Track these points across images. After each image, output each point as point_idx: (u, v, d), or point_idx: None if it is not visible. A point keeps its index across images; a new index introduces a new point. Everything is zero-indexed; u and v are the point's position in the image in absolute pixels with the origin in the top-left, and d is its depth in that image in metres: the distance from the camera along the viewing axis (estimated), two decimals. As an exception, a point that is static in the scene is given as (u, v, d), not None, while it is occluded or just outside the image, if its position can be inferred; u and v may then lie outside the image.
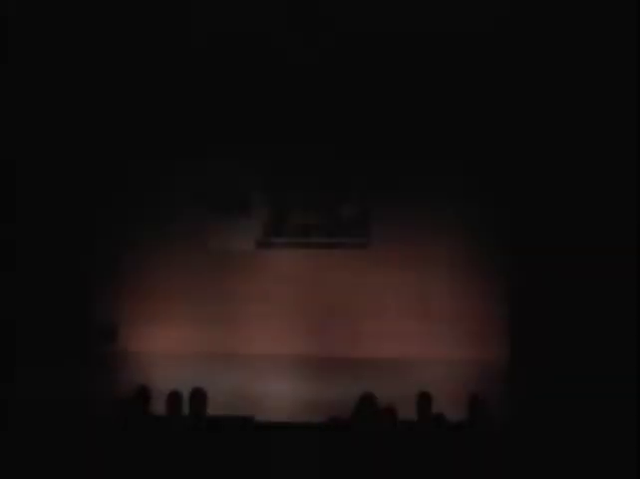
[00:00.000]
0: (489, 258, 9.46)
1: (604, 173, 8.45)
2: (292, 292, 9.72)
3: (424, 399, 5.25)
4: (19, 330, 8.13)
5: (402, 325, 9.53)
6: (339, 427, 5.61)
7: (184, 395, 5.11)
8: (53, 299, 8.89)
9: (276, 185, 9.89)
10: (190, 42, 8.35)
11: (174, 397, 5.06)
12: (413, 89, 8.92)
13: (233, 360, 9.10)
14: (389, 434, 4.92)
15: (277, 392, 7.71)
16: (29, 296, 8.46)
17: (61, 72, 8.51)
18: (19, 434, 4.81)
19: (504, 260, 9.41)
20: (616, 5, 7.24)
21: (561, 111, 8.61)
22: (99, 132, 9.33)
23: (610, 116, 8.25)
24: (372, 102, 9.09)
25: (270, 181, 9.88)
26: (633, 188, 8.11)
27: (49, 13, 7.52)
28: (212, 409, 5.39)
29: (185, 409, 5.08)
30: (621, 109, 8.01)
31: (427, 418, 5.18)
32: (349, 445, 4.94)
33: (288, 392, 7.73)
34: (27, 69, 8.11)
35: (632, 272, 8.24)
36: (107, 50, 8.34)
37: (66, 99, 8.84)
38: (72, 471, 4.64)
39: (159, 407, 5.13)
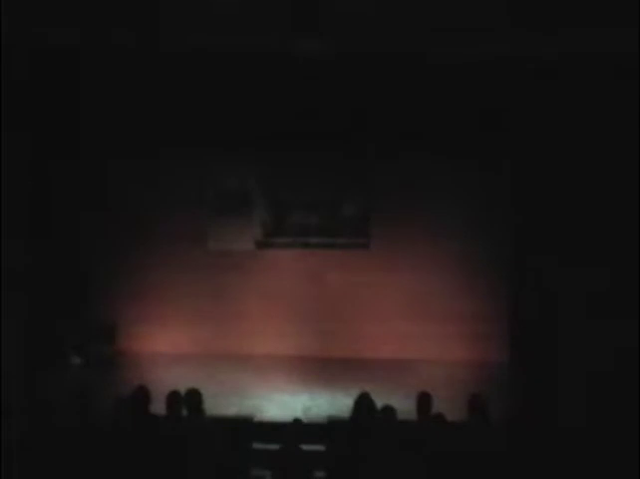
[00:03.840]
0: (490, 259, 9.44)
1: (608, 175, 8.45)
2: (292, 293, 9.72)
3: (424, 399, 5.25)
4: (18, 331, 8.12)
5: (402, 326, 9.52)
6: (338, 427, 5.62)
7: (183, 395, 5.12)
8: (53, 300, 8.88)
9: (276, 185, 9.88)
10: (190, 42, 8.33)
11: (174, 397, 5.07)
12: (413, 89, 8.90)
13: (233, 360, 9.10)
14: (388, 433, 4.92)
15: (277, 392, 7.71)
16: (29, 297, 8.45)
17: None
18: (19, 434, 4.81)
19: (505, 261, 9.40)
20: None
21: (559, 109, 8.61)
22: (100, 132, 9.32)
23: (611, 114, 8.26)
24: (372, 102, 9.08)
25: (270, 181, 9.88)
26: (635, 191, 8.12)
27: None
28: (212, 409, 5.40)
29: (185, 409, 5.08)
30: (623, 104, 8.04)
31: (427, 418, 5.18)
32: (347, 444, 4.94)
33: (288, 392, 7.73)
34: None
35: (632, 273, 8.24)
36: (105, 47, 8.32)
37: (68, 95, 8.84)
38: (72, 471, 4.64)
39: (158, 407, 5.13)
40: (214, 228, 9.89)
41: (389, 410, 5.10)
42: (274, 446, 5.24)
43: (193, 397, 5.07)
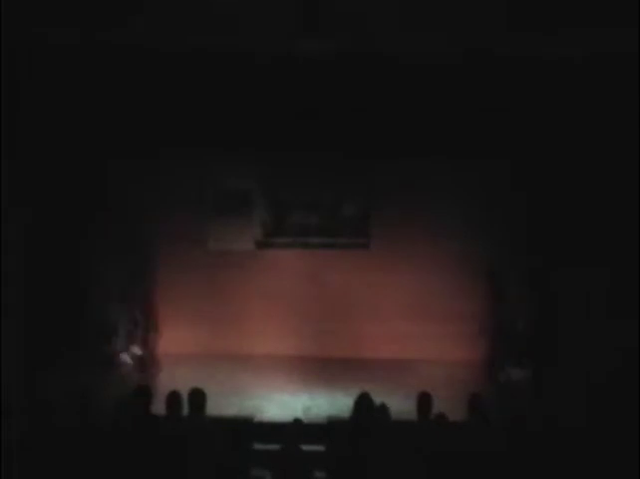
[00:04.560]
0: (490, 259, 9.44)
1: (608, 175, 8.45)
2: (292, 293, 9.71)
3: (424, 399, 5.25)
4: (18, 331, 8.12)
5: (402, 326, 9.52)
6: (338, 427, 5.62)
7: (184, 395, 5.11)
8: (53, 300, 8.88)
9: (276, 185, 9.88)
10: (190, 42, 8.34)
11: (174, 397, 5.07)
12: (412, 89, 8.90)
13: (233, 360, 9.10)
14: (383, 432, 4.93)
15: (277, 392, 7.71)
16: (29, 297, 8.45)
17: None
18: (19, 434, 4.81)
19: (505, 261, 9.39)
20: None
21: (559, 109, 8.61)
22: (100, 131, 9.30)
23: (611, 115, 8.26)
24: (372, 102, 9.07)
25: (270, 181, 9.88)
26: (635, 191, 8.12)
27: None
28: (212, 409, 5.39)
29: (185, 409, 5.08)
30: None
31: (427, 418, 5.18)
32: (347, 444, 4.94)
33: (288, 392, 7.73)
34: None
35: (632, 273, 8.24)
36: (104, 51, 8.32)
37: (68, 95, 8.83)
38: (72, 471, 4.64)
39: (158, 407, 5.13)
40: (214, 227, 9.89)
41: (383, 409, 5.10)
42: (274, 446, 5.24)
43: (197, 397, 5.08)
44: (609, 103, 8.21)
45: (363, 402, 5.10)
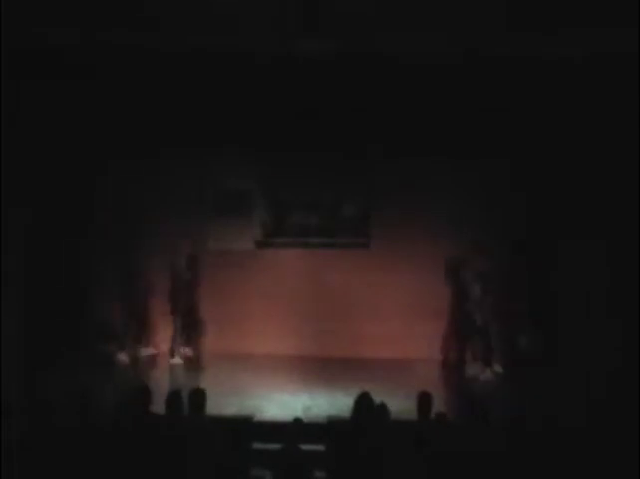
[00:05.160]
0: (489, 259, 9.42)
1: (608, 175, 8.44)
2: (292, 293, 9.71)
3: (424, 399, 5.25)
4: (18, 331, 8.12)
5: (402, 326, 9.51)
6: (338, 427, 5.62)
7: (184, 395, 5.12)
8: (53, 299, 8.88)
9: (276, 185, 9.88)
10: (190, 42, 8.34)
11: (174, 397, 5.07)
12: (413, 89, 8.90)
13: (233, 360, 9.10)
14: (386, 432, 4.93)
15: (277, 392, 7.71)
16: (29, 297, 8.45)
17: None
18: (19, 434, 4.81)
19: (504, 261, 9.39)
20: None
21: (559, 109, 8.61)
22: (100, 132, 9.30)
23: (611, 115, 8.26)
24: (372, 102, 9.07)
25: (270, 181, 9.88)
26: (635, 191, 8.11)
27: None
28: (212, 409, 5.40)
29: (185, 409, 5.08)
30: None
31: (427, 418, 5.18)
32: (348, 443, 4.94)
33: (288, 392, 7.73)
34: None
35: (632, 273, 8.24)
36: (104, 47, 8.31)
37: (68, 95, 8.82)
38: (72, 471, 4.64)
39: (158, 407, 5.14)
40: (214, 227, 9.89)
41: (383, 409, 5.11)
42: (274, 446, 5.24)
43: (197, 397, 5.08)
44: (609, 103, 8.21)
45: (363, 402, 5.10)
